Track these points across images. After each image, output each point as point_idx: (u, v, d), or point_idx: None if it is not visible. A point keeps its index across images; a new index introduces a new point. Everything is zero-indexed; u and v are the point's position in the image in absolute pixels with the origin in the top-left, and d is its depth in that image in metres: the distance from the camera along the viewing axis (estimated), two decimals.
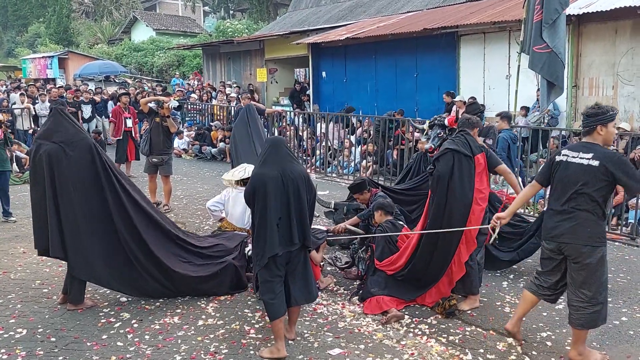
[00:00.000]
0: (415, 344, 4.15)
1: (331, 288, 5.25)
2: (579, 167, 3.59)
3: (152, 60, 27.28)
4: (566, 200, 3.63)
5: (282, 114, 13.33)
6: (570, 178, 3.62)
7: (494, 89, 11.36)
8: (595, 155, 3.56)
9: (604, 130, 3.63)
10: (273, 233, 3.82)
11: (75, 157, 4.51)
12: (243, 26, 28.38)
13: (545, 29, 7.30)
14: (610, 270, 5.64)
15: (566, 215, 3.63)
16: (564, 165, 3.68)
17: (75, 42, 34.27)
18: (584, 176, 3.56)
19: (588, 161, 3.56)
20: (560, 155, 3.74)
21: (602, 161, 3.52)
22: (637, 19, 9.22)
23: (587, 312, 3.63)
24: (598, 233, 3.62)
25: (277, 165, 3.88)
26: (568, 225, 3.61)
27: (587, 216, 3.58)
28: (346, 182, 10.08)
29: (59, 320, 4.54)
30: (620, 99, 9.64)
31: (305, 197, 3.91)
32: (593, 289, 3.61)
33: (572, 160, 3.64)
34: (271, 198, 3.81)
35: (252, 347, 4.09)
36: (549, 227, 3.75)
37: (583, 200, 3.58)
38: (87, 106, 14.39)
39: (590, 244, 3.58)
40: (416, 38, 12.64)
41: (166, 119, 7.90)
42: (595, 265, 3.60)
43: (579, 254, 3.59)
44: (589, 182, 3.55)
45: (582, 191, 3.57)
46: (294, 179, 3.85)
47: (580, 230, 3.58)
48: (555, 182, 3.74)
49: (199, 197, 8.93)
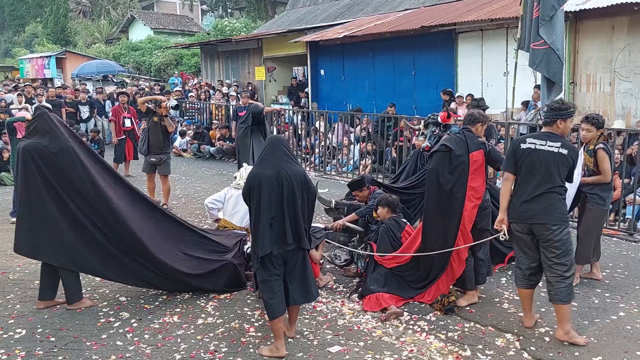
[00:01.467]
0: (415, 341, 4.16)
1: (330, 286, 5.26)
2: (550, 153, 3.94)
3: (150, 60, 27.26)
4: (538, 184, 3.95)
5: (281, 112, 13.33)
6: (542, 163, 3.94)
7: (492, 86, 11.37)
8: (564, 145, 3.96)
9: (563, 125, 4.03)
10: (265, 232, 3.82)
11: (57, 156, 4.48)
12: (241, 25, 28.35)
13: (542, 25, 7.30)
14: (608, 265, 5.68)
15: (538, 197, 3.94)
16: (533, 152, 3.99)
17: (72, 42, 34.25)
18: (555, 161, 3.93)
19: (558, 149, 3.94)
20: (525, 143, 4.05)
21: (570, 151, 3.96)
22: (634, 15, 9.23)
23: (561, 286, 3.96)
24: (565, 212, 4.03)
25: (273, 164, 3.88)
26: (540, 206, 3.94)
27: (557, 197, 3.94)
28: (345, 180, 10.09)
29: (58, 320, 4.54)
30: (617, 95, 9.66)
31: (302, 198, 3.88)
32: (567, 262, 3.96)
33: (540, 147, 3.98)
34: (265, 197, 3.82)
35: (252, 345, 4.10)
36: (520, 210, 4.03)
37: (553, 183, 3.93)
38: (85, 107, 14.38)
39: (559, 222, 3.93)
40: (414, 36, 12.63)
41: (164, 118, 7.89)
42: (564, 242, 3.94)
43: (549, 232, 3.92)
44: (559, 166, 3.93)
45: (553, 175, 3.92)
46: (289, 179, 3.84)
47: (552, 211, 3.93)
48: (525, 168, 4.02)
49: (197, 197, 8.93)
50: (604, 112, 9.84)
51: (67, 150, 4.52)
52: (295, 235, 3.87)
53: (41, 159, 4.45)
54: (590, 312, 4.61)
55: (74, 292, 4.75)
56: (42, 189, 4.47)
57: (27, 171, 4.46)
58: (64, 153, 4.51)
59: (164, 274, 4.84)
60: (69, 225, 4.54)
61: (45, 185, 4.47)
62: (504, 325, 4.39)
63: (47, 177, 4.46)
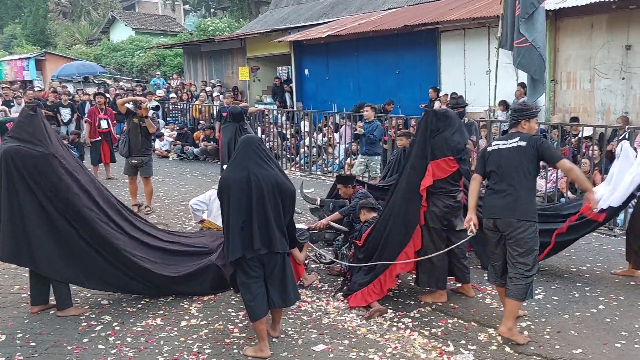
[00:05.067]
0: (399, 338, 4.18)
1: (315, 285, 5.25)
2: (510, 149, 4.00)
3: (132, 60, 26.98)
4: (504, 180, 3.99)
5: (265, 112, 13.30)
6: (505, 160, 3.99)
7: (475, 84, 11.46)
8: (522, 138, 4.01)
9: (527, 125, 4.08)
10: (235, 236, 3.79)
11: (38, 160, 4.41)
12: (224, 25, 28.19)
13: (523, 23, 7.37)
14: (588, 259, 5.77)
15: (504, 192, 3.97)
16: (497, 152, 4.06)
17: (52, 43, 33.75)
18: (517, 155, 3.96)
19: (517, 143, 3.99)
20: (491, 146, 4.14)
21: (528, 141, 3.97)
22: (612, 13, 9.37)
23: (521, 283, 3.94)
24: (533, 210, 3.97)
25: (244, 167, 3.84)
26: (505, 201, 3.95)
27: (524, 194, 3.93)
28: (331, 180, 10.09)
29: (38, 324, 4.48)
30: (597, 92, 9.80)
31: (274, 202, 3.82)
32: (530, 262, 3.93)
33: (503, 147, 4.05)
34: (234, 201, 3.79)
35: (236, 346, 4.08)
36: (488, 205, 4.09)
37: (519, 178, 3.94)
38: (66, 109, 14.15)
39: (525, 219, 3.90)
40: (397, 35, 12.69)
41: (144, 119, 7.80)
42: (529, 240, 3.91)
43: (513, 228, 3.90)
44: (522, 159, 3.95)
45: (517, 169, 3.94)
46: (259, 183, 3.78)
47: (518, 206, 3.91)
48: (492, 167, 4.07)
49: (181, 198, 8.87)
50: (584, 109, 9.99)
51: (48, 156, 4.44)
52: (264, 241, 3.81)
53: (22, 162, 4.38)
54: (571, 306, 4.67)
55: (65, 300, 4.68)
56: (23, 194, 4.39)
57: (8, 175, 4.38)
58: (45, 158, 4.43)
59: (146, 280, 4.80)
60: (48, 231, 4.47)
61: (26, 190, 4.39)
62: (486, 320, 4.43)
63: (27, 182, 4.39)
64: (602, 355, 3.85)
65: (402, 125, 10.20)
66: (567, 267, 5.61)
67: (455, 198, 4.65)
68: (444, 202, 4.59)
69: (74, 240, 4.53)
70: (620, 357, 3.82)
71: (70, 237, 4.51)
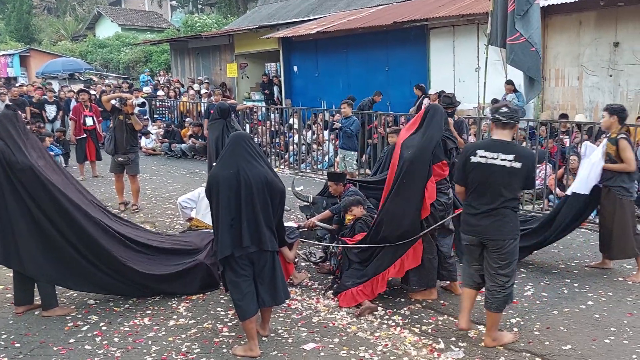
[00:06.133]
0: (389, 335, 4.16)
1: (305, 283, 5.22)
2: (502, 169, 3.69)
3: (118, 57, 26.71)
4: (490, 200, 3.76)
5: (254, 110, 13.21)
6: (495, 179, 3.71)
7: (464, 81, 11.48)
8: (517, 157, 3.67)
9: (516, 128, 3.91)
10: (225, 234, 3.75)
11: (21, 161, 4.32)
12: (212, 21, 27.99)
13: (518, 20, 7.36)
14: (576, 256, 5.80)
15: (491, 213, 3.76)
16: (485, 167, 3.73)
17: (37, 39, 33.30)
18: (508, 178, 3.69)
19: (511, 163, 3.67)
20: (475, 156, 3.77)
21: (524, 162, 3.68)
22: (600, 11, 9.43)
23: (500, 295, 3.84)
24: (517, 226, 3.85)
25: (234, 164, 3.78)
26: (492, 222, 3.77)
27: (509, 213, 3.78)
28: (320, 178, 10.06)
29: (23, 325, 4.39)
30: (585, 89, 9.86)
31: (264, 200, 3.78)
32: (510, 273, 3.85)
33: (492, 162, 3.71)
34: (223, 198, 3.74)
35: (225, 345, 4.04)
36: (472, 224, 3.87)
37: (506, 199, 3.73)
38: (52, 106, 13.96)
39: (511, 237, 3.79)
40: (386, 32, 12.67)
41: (130, 116, 7.69)
42: (512, 253, 3.82)
43: (500, 246, 3.79)
44: (512, 182, 3.71)
45: (505, 191, 3.72)
46: (249, 181, 3.73)
47: (504, 227, 3.77)
48: (476, 182, 3.79)
49: (169, 196, 8.78)
50: (572, 106, 10.05)
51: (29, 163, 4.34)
52: (253, 239, 3.77)
53: (7, 162, 4.28)
54: (560, 302, 4.68)
55: (51, 299, 4.60)
56: (8, 194, 4.30)
57: None
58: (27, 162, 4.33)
59: (133, 281, 4.74)
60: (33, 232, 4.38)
61: (12, 189, 4.30)
62: (476, 317, 4.40)
63: (12, 180, 4.29)
64: (591, 350, 3.86)
65: (392, 123, 10.18)
66: (556, 263, 5.63)
67: (447, 194, 4.65)
68: (439, 200, 4.57)
69: (59, 241, 4.44)
70: (609, 352, 3.84)
71: (54, 238, 4.42)
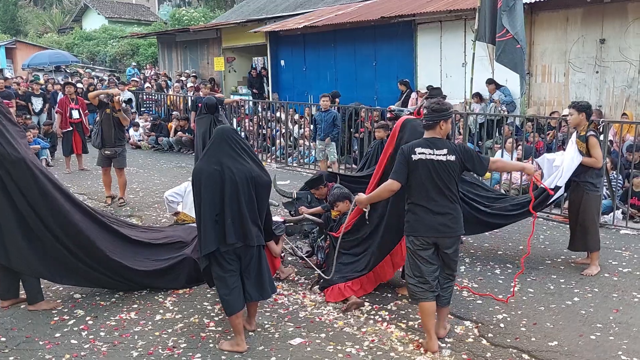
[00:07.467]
0: (376, 331, 4.17)
1: (292, 278, 5.22)
2: (440, 163, 3.74)
3: (105, 50, 26.44)
4: (438, 197, 3.76)
5: (241, 103, 13.15)
6: (437, 173, 3.74)
7: (451, 77, 11.51)
8: (450, 151, 3.77)
9: (445, 126, 3.83)
10: (208, 230, 3.71)
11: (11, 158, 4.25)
12: (199, 14, 27.82)
13: (504, 15, 7.37)
14: (563, 252, 5.84)
15: (443, 211, 3.77)
16: (426, 162, 3.75)
17: (23, 32, 32.87)
18: (448, 171, 3.76)
19: (446, 157, 3.75)
20: (415, 154, 3.78)
21: (457, 155, 3.77)
22: (587, 7, 9.49)
23: (451, 286, 4.00)
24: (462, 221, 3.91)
25: (218, 160, 3.75)
26: (446, 219, 3.78)
27: (457, 207, 3.83)
28: (307, 172, 10.06)
29: (9, 319, 4.34)
30: (571, 85, 9.94)
31: (248, 197, 3.75)
32: (456, 269, 4.03)
33: (430, 157, 3.75)
34: (207, 193, 3.71)
35: (212, 340, 4.02)
36: (426, 224, 3.78)
37: (451, 194, 3.79)
38: (38, 99, 13.79)
39: (462, 231, 3.89)
40: (374, 27, 12.66)
41: (117, 111, 7.62)
42: (459, 247, 3.95)
43: (452, 243, 3.84)
44: (452, 175, 3.78)
45: (449, 185, 3.77)
46: (233, 177, 3.70)
47: (456, 222, 3.81)
48: (422, 179, 3.77)
49: (155, 190, 8.71)
50: (558, 102, 10.12)
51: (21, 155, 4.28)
52: (238, 235, 3.75)
53: None
54: (547, 298, 4.72)
55: (36, 294, 4.55)
56: None
57: None
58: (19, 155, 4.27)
59: (120, 275, 4.70)
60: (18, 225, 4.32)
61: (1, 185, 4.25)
62: (463, 313, 4.45)
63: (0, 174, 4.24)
64: (577, 346, 3.89)
65: (379, 117, 10.19)
66: (542, 259, 5.67)
67: None
68: None
69: (45, 234, 4.38)
70: (595, 348, 3.87)
71: (40, 231, 4.37)
